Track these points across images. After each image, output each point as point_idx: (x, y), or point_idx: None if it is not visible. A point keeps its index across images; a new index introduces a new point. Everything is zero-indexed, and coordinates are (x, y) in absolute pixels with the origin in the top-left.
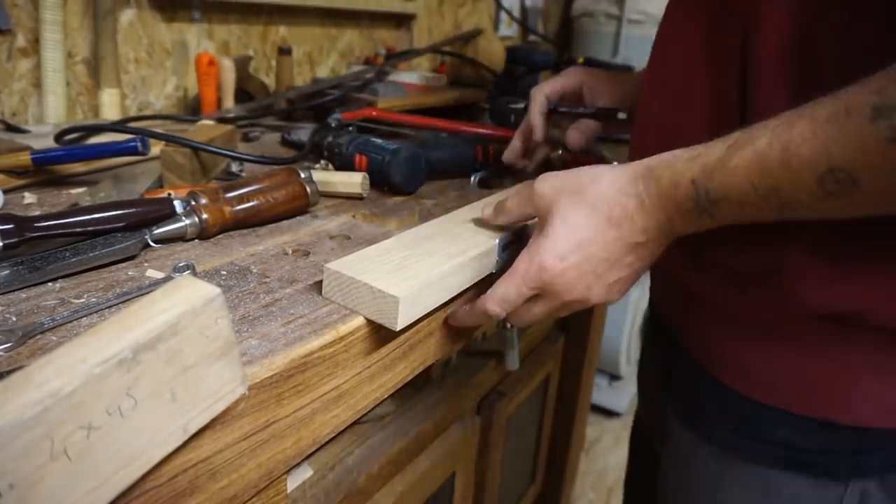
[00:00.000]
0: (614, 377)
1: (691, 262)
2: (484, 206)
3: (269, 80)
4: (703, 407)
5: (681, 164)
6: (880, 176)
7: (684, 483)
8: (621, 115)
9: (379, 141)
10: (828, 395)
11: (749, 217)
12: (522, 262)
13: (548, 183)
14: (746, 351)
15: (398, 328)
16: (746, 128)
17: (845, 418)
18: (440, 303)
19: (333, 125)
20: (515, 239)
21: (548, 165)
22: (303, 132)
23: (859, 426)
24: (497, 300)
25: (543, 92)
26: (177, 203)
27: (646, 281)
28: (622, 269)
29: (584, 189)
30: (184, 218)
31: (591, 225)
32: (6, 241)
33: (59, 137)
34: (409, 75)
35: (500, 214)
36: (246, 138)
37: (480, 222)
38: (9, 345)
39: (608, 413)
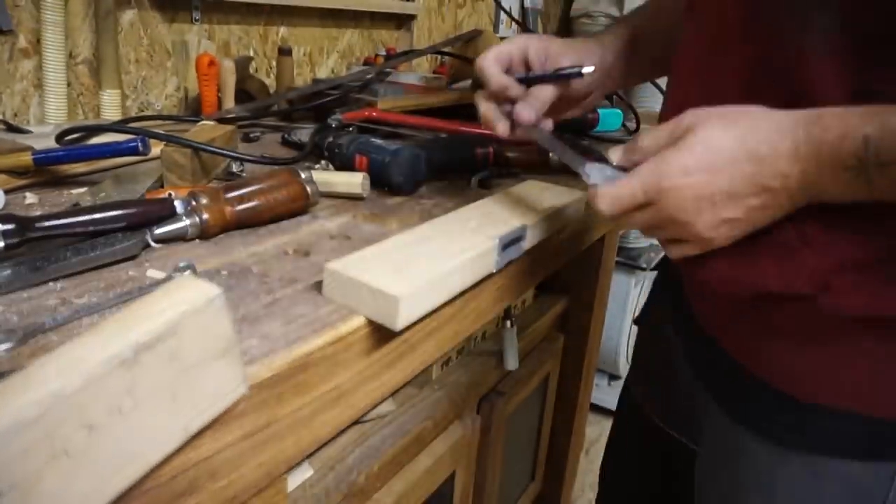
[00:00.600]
0: (614, 377)
1: (736, 284)
2: (610, 151)
3: (270, 81)
4: (752, 407)
5: (855, 117)
6: None
7: (734, 475)
8: (587, 70)
9: (379, 141)
10: (879, 394)
11: None
12: (646, 167)
13: (698, 111)
14: (794, 357)
15: (398, 328)
16: None
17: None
18: (440, 303)
19: (334, 126)
20: (516, 238)
21: (546, 166)
22: (303, 132)
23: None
24: (610, 198)
25: (490, 58)
26: (177, 203)
27: (645, 279)
28: (740, 209)
29: (738, 117)
30: (184, 218)
31: (731, 154)
32: (8, 241)
33: (60, 138)
34: (410, 76)
35: (634, 151)
36: (246, 139)
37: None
38: (10, 345)
39: (608, 413)
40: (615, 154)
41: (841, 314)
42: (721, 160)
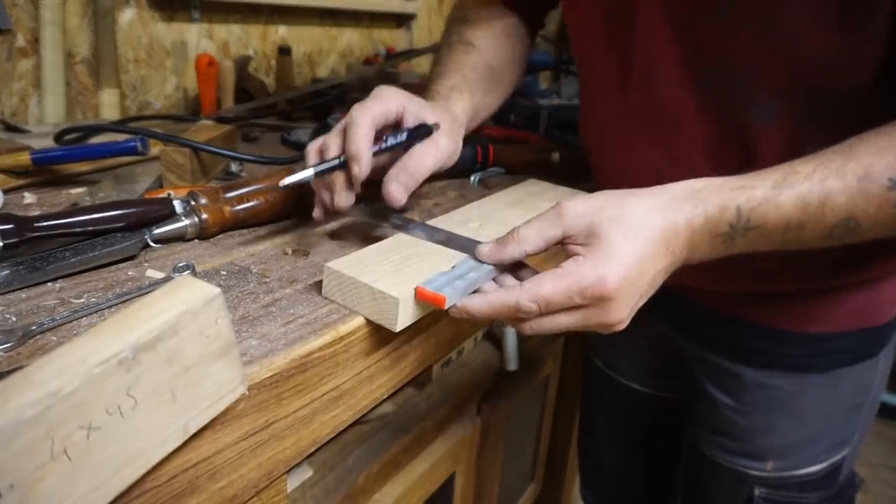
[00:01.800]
0: None
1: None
2: (478, 249)
3: (269, 81)
4: (762, 349)
5: (726, 191)
6: (878, 227)
7: (760, 405)
8: (434, 126)
9: None
10: (869, 313)
11: (753, 248)
12: (583, 268)
13: (581, 202)
14: (795, 303)
15: (398, 329)
16: (783, 166)
17: (879, 321)
18: None
19: (333, 125)
20: None
21: (546, 166)
22: (303, 132)
23: (884, 322)
24: (537, 298)
25: (370, 114)
26: (176, 203)
27: None
28: (652, 290)
29: (625, 212)
30: (184, 218)
31: (651, 245)
32: (6, 241)
33: (58, 137)
34: (409, 75)
35: (510, 245)
36: (246, 138)
37: (481, 252)
38: (8, 345)
39: None
40: (485, 249)
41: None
42: (646, 255)
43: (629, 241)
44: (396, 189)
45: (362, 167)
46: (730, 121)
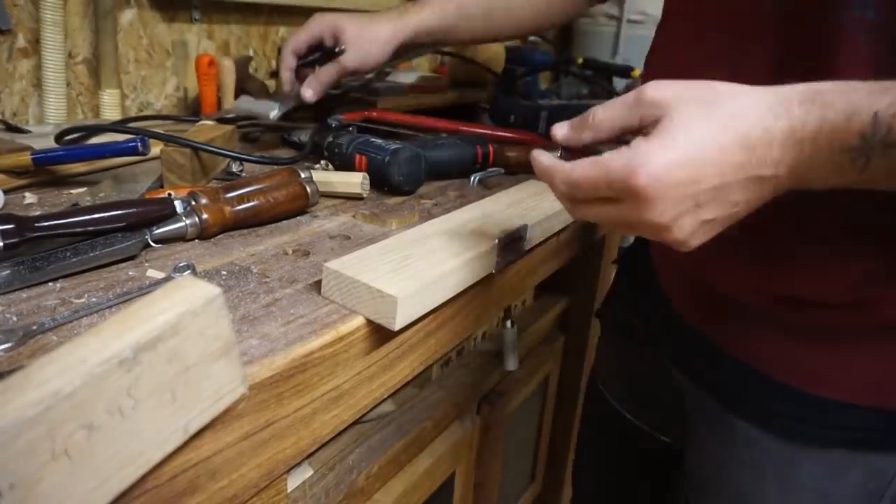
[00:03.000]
0: None
1: (749, 283)
2: (552, 130)
3: (269, 81)
4: (759, 402)
5: (861, 92)
6: None
7: (750, 466)
8: (339, 49)
9: (379, 141)
10: (882, 386)
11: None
12: (617, 159)
13: (666, 87)
14: (805, 353)
15: (396, 328)
16: None
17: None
18: (439, 303)
19: (334, 125)
20: (516, 238)
21: None
22: (303, 132)
23: None
24: (569, 181)
25: (293, 42)
26: (177, 203)
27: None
28: (724, 207)
29: (718, 99)
30: (184, 218)
31: (718, 143)
32: (7, 241)
33: (59, 137)
34: (409, 75)
35: (584, 129)
36: (246, 138)
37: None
38: (9, 345)
39: None
40: (560, 130)
41: (880, 323)
42: (708, 153)
43: (695, 129)
44: (305, 89)
45: (286, 83)
46: (808, 27)
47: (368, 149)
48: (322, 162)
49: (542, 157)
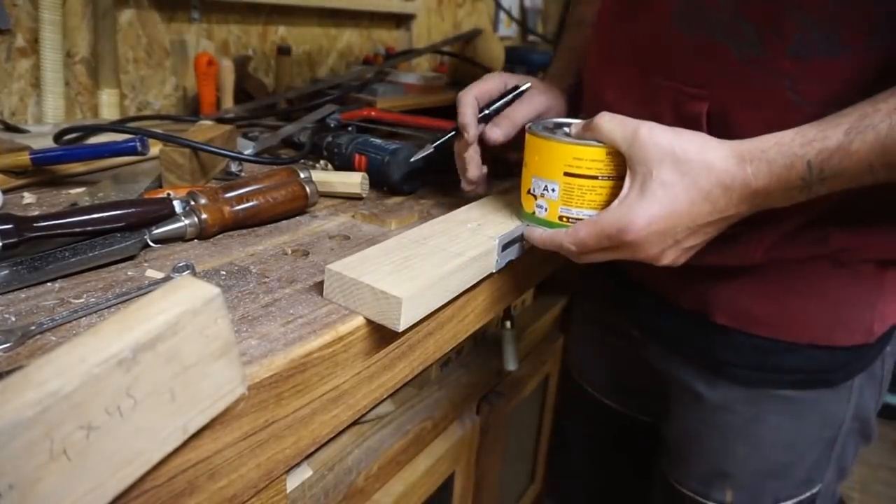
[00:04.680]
0: None
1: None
2: (574, 126)
3: (269, 80)
4: (718, 355)
5: (795, 146)
6: None
7: (719, 429)
8: (525, 86)
9: (378, 141)
10: (814, 326)
11: (844, 186)
12: (611, 216)
13: (657, 136)
14: (741, 294)
15: (401, 329)
16: (853, 108)
17: (829, 341)
18: (441, 303)
19: (333, 125)
20: (516, 238)
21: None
22: (303, 132)
23: (845, 346)
24: (576, 242)
25: (472, 93)
26: (176, 203)
27: None
28: (700, 237)
29: (689, 159)
30: (183, 218)
31: (688, 198)
32: (5, 241)
33: (58, 137)
34: (409, 75)
35: (589, 131)
36: (245, 138)
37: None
38: (8, 345)
39: None
40: (576, 127)
41: (815, 256)
42: (680, 207)
43: (670, 187)
44: (492, 129)
45: (470, 132)
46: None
47: (368, 149)
48: (321, 162)
49: (537, 232)
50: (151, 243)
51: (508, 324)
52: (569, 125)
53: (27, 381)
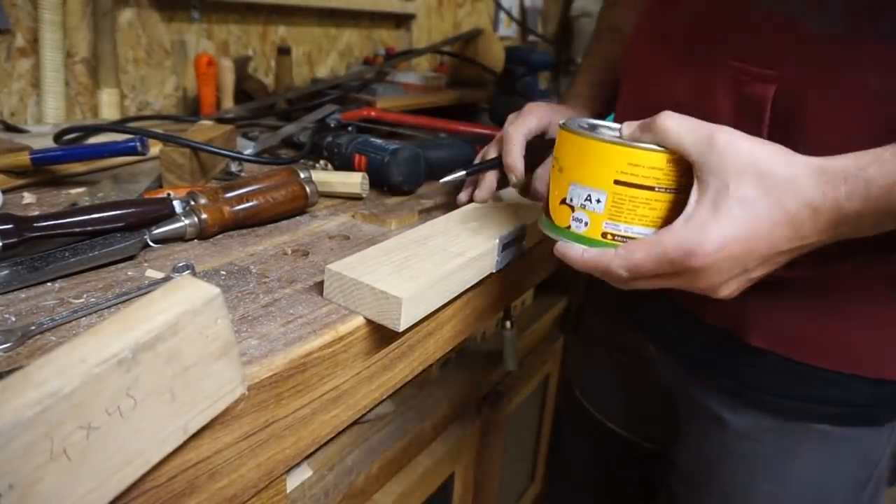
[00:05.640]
0: None
1: None
2: (627, 126)
3: (269, 81)
4: (750, 379)
5: (872, 170)
6: None
7: (744, 459)
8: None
9: (378, 141)
10: (870, 355)
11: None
12: (675, 237)
13: (739, 144)
14: (781, 315)
15: (401, 329)
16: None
17: (875, 373)
18: (442, 303)
19: (333, 125)
20: (516, 238)
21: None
22: (302, 132)
23: (890, 380)
24: (629, 266)
25: (521, 132)
26: (176, 203)
27: None
28: (770, 266)
29: (774, 172)
30: (183, 218)
31: (770, 219)
32: (5, 241)
33: (58, 137)
34: (409, 75)
35: (650, 132)
36: (245, 138)
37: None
38: (8, 345)
39: None
40: (628, 130)
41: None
42: (760, 229)
43: (750, 205)
44: (541, 185)
45: (518, 175)
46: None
47: (368, 149)
48: (321, 162)
49: (575, 251)
50: (151, 243)
51: (508, 324)
52: (609, 127)
53: (27, 381)
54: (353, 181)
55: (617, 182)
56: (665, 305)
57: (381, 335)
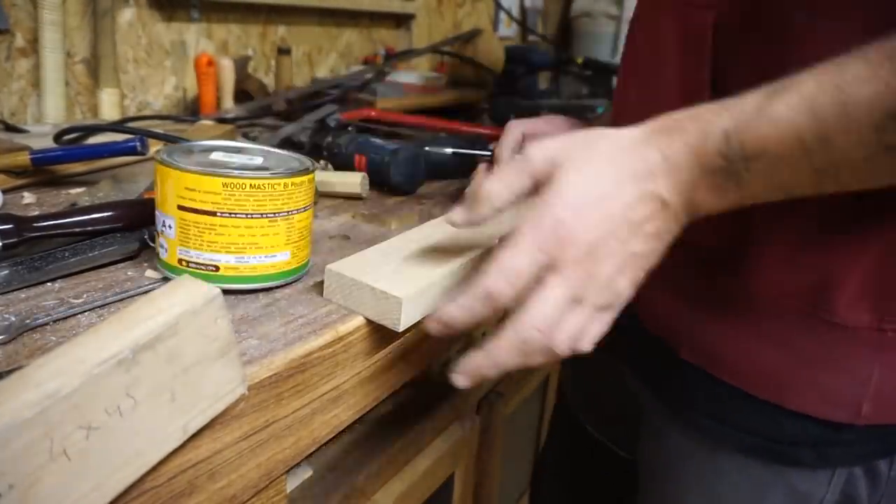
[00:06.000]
0: None
1: None
2: (448, 217)
3: (269, 80)
4: (680, 393)
5: (708, 114)
6: None
7: (679, 474)
8: (486, 153)
9: (378, 141)
10: (781, 382)
11: (782, 184)
12: (528, 223)
13: (547, 144)
14: (705, 328)
15: (401, 329)
16: (777, 81)
17: (798, 406)
18: (442, 303)
19: (333, 125)
20: None
21: None
22: (302, 132)
23: (815, 416)
24: (504, 273)
25: (521, 129)
26: None
27: None
28: (642, 241)
29: (595, 143)
30: None
31: (612, 178)
32: (5, 241)
33: (58, 137)
34: (409, 75)
35: (479, 203)
36: (245, 138)
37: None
38: (5, 336)
39: None
40: (457, 216)
41: (757, 282)
42: (607, 189)
43: (592, 163)
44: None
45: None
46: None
47: (368, 149)
48: (321, 162)
49: (450, 310)
50: (151, 243)
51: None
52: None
53: (27, 382)
54: (353, 181)
55: (180, 207)
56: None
57: (380, 335)
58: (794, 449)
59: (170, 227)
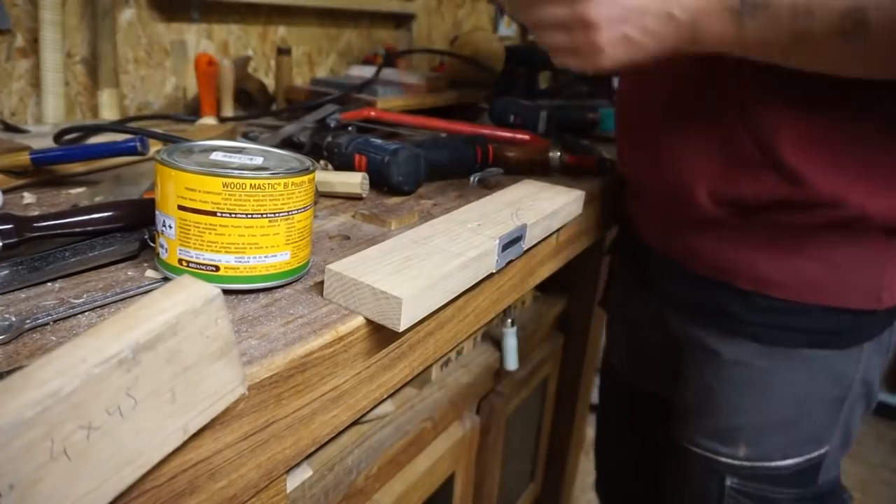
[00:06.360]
0: None
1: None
2: None
3: (269, 81)
4: (736, 315)
5: None
6: (888, 30)
7: (734, 383)
8: None
9: (378, 141)
10: (822, 287)
11: (766, 40)
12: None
13: None
14: (756, 259)
15: (401, 329)
16: None
17: (836, 303)
18: (442, 303)
19: (333, 125)
20: (516, 238)
21: (546, 166)
22: (302, 132)
23: (853, 308)
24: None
25: None
26: None
27: None
28: (638, 28)
29: None
30: None
31: None
32: (5, 241)
33: (58, 137)
34: (409, 75)
35: None
36: (245, 138)
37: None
38: (3, 336)
39: None
40: None
41: (826, 222)
42: None
43: None
44: None
45: None
46: None
47: (368, 149)
48: (321, 162)
49: None
50: (151, 243)
51: (509, 323)
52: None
53: (27, 381)
54: (353, 181)
55: (180, 207)
56: (660, 259)
57: (381, 335)
58: (835, 336)
59: (170, 227)
